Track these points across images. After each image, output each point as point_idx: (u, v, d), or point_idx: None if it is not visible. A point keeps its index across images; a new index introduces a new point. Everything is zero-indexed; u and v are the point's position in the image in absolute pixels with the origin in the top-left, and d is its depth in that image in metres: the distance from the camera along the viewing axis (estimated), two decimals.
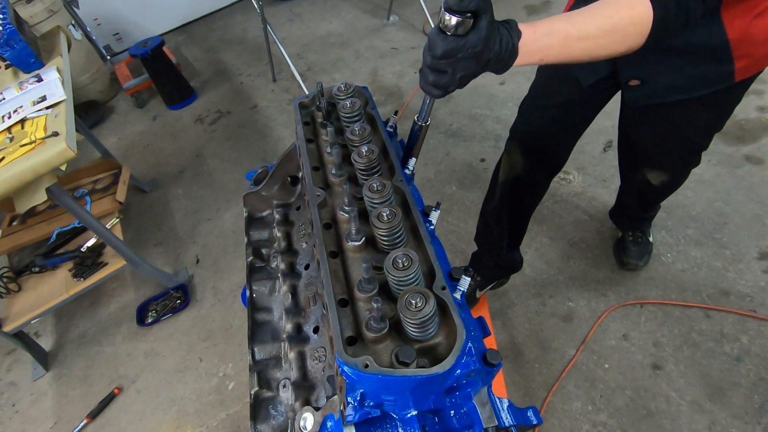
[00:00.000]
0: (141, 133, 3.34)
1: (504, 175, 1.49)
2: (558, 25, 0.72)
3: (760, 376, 1.52)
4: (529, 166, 1.43)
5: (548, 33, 0.72)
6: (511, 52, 0.70)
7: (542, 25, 0.72)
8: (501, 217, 1.58)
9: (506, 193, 1.52)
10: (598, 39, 0.73)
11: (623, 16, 0.71)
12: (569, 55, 0.74)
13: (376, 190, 0.78)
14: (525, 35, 0.71)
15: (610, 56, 0.76)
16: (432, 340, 0.65)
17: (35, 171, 1.48)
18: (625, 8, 0.72)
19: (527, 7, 3.51)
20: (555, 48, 0.72)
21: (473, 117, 2.69)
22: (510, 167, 1.47)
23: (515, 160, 1.44)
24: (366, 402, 0.63)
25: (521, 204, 1.58)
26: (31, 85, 1.84)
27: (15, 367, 2.13)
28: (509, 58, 0.71)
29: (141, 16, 4.20)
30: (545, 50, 0.72)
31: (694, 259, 1.85)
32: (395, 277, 0.66)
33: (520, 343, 1.74)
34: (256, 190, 1.14)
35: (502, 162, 1.51)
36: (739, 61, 0.99)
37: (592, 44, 0.73)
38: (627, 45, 0.74)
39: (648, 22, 0.72)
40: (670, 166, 1.43)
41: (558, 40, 0.72)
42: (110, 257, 2.03)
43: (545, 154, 1.43)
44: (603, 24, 0.72)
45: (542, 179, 1.52)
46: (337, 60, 3.50)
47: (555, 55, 0.73)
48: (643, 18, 0.71)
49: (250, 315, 0.98)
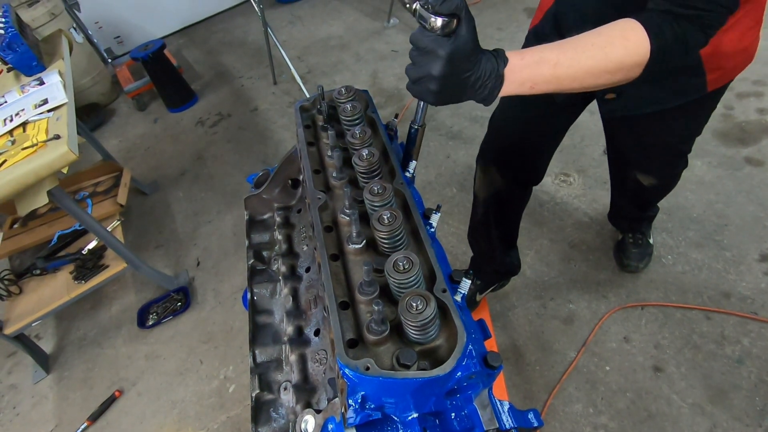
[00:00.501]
0: (142, 135, 3.35)
1: (483, 193, 1.48)
2: (548, 54, 0.69)
3: (761, 378, 1.52)
4: (507, 181, 1.41)
5: (537, 61, 0.69)
6: (495, 77, 0.68)
7: (531, 53, 0.69)
8: (488, 231, 1.58)
9: (490, 210, 1.51)
10: (590, 69, 0.69)
11: (617, 46, 0.69)
12: (560, 85, 0.71)
13: (377, 193, 0.78)
14: (512, 62, 0.68)
15: (605, 86, 0.73)
16: (433, 343, 0.65)
17: (37, 174, 1.49)
18: (618, 39, 0.69)
19: (527, 9, 3.52)
20: (545, 77, 0.69)
21: (474, 119, 2.70)
22: (488, 185, 1.45)
23: (492, 178, 1.42)
24: (367, 404, 0.63)
25: (506, 217, 1.58)
26: (32, 88, 1.85)
27: (16, 369, 2.13)
28: (494, 85, 0.68)
29: (142, 19, 4.22)
30: (534, 79, 0.69)
31: (694, 261, 1.85)
32: (396, 279, 0.66)
33: (520, 345, 1.74)
34: (257, 193, 1.14)
35: (477, 180, 1.48)
36: (711, 74, 1.00)
37: (583, 75, 0.70)
38: (623, 76, 0.71)
39: (644, 54, 0.69)
40: (657, 169, 1.43)
41: (548, 69, 0.69)
42: (111, 260, 2.03)
43: (520, 168, 1.40)
44: (595, 55, 0.69)
45: (522, 191, 1.50)
46: (338, 62, 3.51)
47: (545, 84, 0.70)
48: (639, 49, 0.69)
49: (251, 318, 0.98)
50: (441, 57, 0.64)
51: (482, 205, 1.51)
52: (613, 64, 0.69)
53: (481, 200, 1.50)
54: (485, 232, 1.59)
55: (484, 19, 3.53)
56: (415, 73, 0.68)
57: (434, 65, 0.65)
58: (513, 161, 1.38)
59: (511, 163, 1.38)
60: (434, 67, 0.65)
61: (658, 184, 1.49)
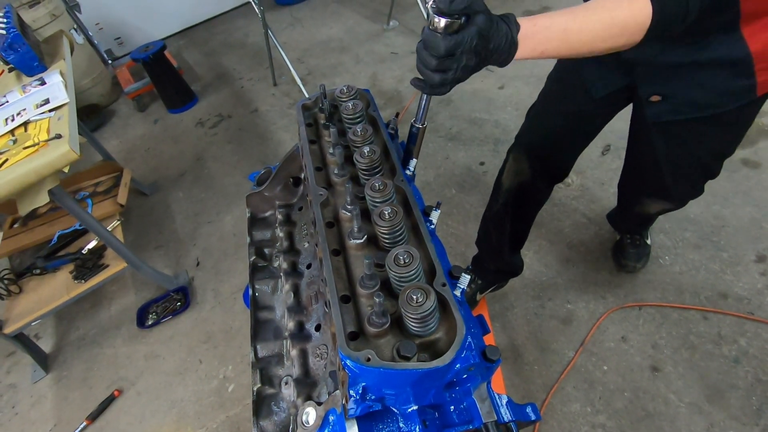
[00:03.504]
0: (142, 136, 3.36)
1: (509, 182, 1.48)
2: (558, 18, 0.74)
3: (758, 377, 1.53)
4: (535, 174, 1.42)
5: (548, 26, 0.73)
6: (510, 44, 0.72)
7: (542, 19, 0.74)
8: (503, 224, 1.58)
9: (510, 201, 1.51)
10: (597, 32, 0.74)
11: (623, 9, 0.73)
12: (569, 48, 0.75)
13: (378, 190, 0.80)
14: (524, 28, 0.72)
15: (610, 50, 0.77)
16: (432, 336, 0.66)
17: (38, 173, 1.49)
18: (625, 2, 0.73)
19: (526, 12, 3.55)
20: (555, 41, 0.74)
21: (472, 121, 2.71)
22: (515, 174, 1.45)
23: (521, 168, 1.43)
24: (368, 396, 0.64)
25: (524, 211, 1.58)
26: (34, 88, 1.85)
27: (15, 369, 2.13)
28: (509, 51, 0.72)
29: (142, 20, 4.23)
30: (545, 43, 0.74)
31: (692, 261, 1.86)
32: (397, 273, 0.67)
33: (519, 345, 1.75)
34: (259, 191, 1.15)
35: (506, 169, 1.49)
36: (761, 75, 0.98)
37: (591, 37, 0.74)
38: (626, 39, 0.75)
39: (647, 17, 0.73)
40: (676, 194, 1.38)
41: (558, 33, 0.73)
42: (111, 259, 2.04)
43: (551, 161, 1.42)
44: (603, 17, 0.73)
45: (546, 187, 1.51)
46: (338, 64, 3.53)
47: (555, 48, 0.75)
48: (642, 12, 0.73)
49: (253, 313, 0.99)
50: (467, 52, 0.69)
51: (504, 195, 1.51)
52: (618, 27, 0.74)
53: (505, 189, 1.50)
54: (500, 224, 1.58)
55: None
56: (447, 78, 0.72)
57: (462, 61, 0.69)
58: (545, 154, 1.39)
59: (542, 155, 1.39)
60: (462, 65, 0.70)
61: (669, 209, 1.47)
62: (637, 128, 1.31)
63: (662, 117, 1.13)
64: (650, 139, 1.24)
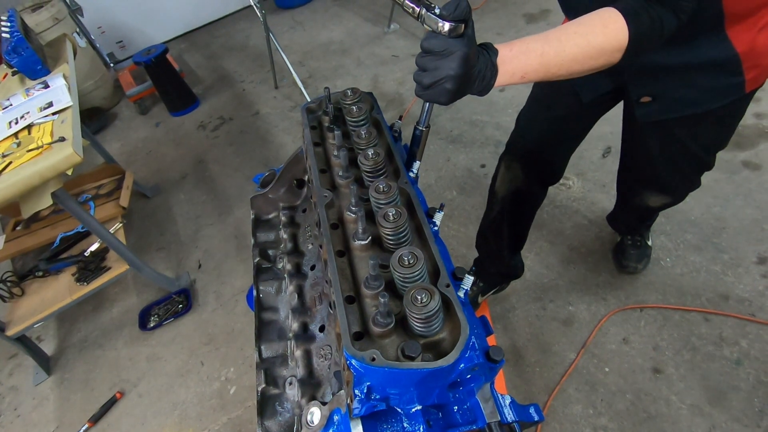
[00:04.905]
0: (144, 139, 3.37)
1: (503, 189, 1.49)
2: (533, 44, 0.74)
3: (760, 379, 1.53)
4: (528, 179, 1.43)
5: (524, 51, 0.73)
6: (491, 68, 0.72)
7: (518, 44, 0.74)
8: (501, 230, 1.59)
9: (506, 207, 1.52)
10: (575, 56, 0.74)
11: (597, 33, 0.73)
12: (548, 72, 0.75)
13: (383, 191, 0.80)
14: (502, 53, 0.73)
15: (590, 71, 0.77)
16: (436, 336, 0.66)
17: (42, 175, 1.50)
18: (599, 26, 0.73)
19: (526, 15, 3.56)
20: (533, 65, 0.74)
21: (473, 123, 2.72)
22: (509, 181, 1.46)
23: (515, 175, 1.44)
24: (372, 395, 0.64)
25: (521, 215, 1.59)
26: (37, 91, 1.86)
27: (17, 371, 2.13)
28: (491, 76, 0.72)
29: (144, 24, 4.25)
30: (524, 68, 0.74)
31: (693, 263, 1.86)
32: (401, 274, 0.68)
33: (520, 346, 1.75)
34: (263, 193, 1.15)
35: (499, 176, 1.50)
36: (749, 72, 1.01)
37: (569, 60, 0.74)
38: (604, 60, 0.76)
39: (623, 39, 0.73)
40: (673, 187, 1.41)
41: (535, 58, 0.73)
42: (113, 262, 2.04)
43: (544, 166, 1.42)
44: (578, 42, 0.73)
45: (540, 190, 1.52)
46: (339, 67, 3.54)
47: (534, 71, 0.75)
48: (618, 35, 0.73)
49: (257, 314, 0.99)
50: (458, 57, 0.67)
51: (500, 203, 1.52)
52: (595, 50, 0.74)
53: (500, 197, 1.51)
54: (498, 230, 1.60)
55: (484, 24, 3.56)
56: (430, 78, 0.71)
57: (452, 65, 0.68)
58: (537, 159, 1.39)
59: (534, 160, 1.40)
60: (452, 67, 0.68)
61: (668, 203, 1.48)
62: (629, 127, 1.33)
63: (653, 116, 1.14)
64: (643, 136, 1.27)
